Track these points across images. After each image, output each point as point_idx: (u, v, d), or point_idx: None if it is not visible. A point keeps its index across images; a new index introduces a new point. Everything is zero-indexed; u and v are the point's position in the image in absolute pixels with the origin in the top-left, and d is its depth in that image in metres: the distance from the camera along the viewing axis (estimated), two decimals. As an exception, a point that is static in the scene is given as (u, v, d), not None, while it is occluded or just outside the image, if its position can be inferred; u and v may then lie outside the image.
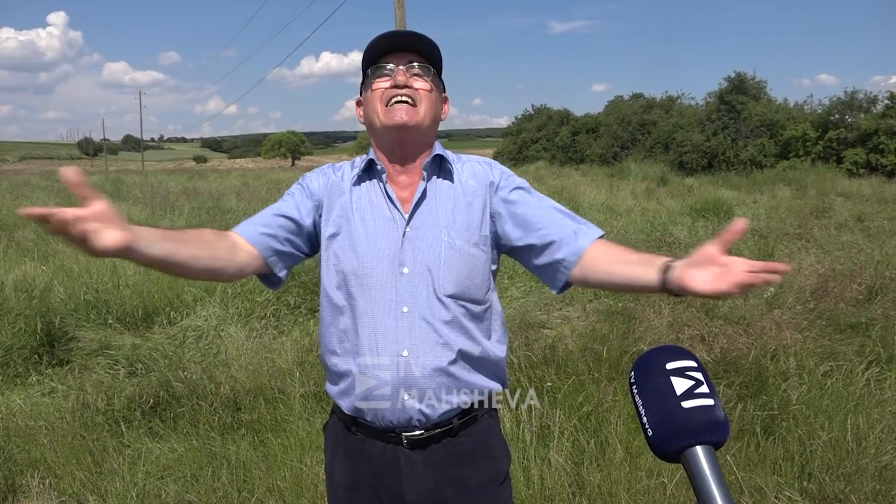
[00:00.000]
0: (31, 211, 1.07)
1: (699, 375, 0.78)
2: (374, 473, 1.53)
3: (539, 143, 36.88)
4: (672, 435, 0.74)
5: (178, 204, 13.77)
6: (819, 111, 26.32)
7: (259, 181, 23.75)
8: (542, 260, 1.50)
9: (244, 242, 1.53)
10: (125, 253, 1.16)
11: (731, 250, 1.25)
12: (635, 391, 0.80)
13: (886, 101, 24.05)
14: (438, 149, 1.58)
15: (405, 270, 1.48)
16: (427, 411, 1.47)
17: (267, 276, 1.59)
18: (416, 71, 1.52)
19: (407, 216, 1.52)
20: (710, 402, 0.75)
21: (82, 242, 1.10)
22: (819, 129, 24.90)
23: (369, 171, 1.58)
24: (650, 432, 0.76)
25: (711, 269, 1.18)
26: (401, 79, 1.49)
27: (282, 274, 1.59)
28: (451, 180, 1.57)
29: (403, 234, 1.50)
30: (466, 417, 1.53)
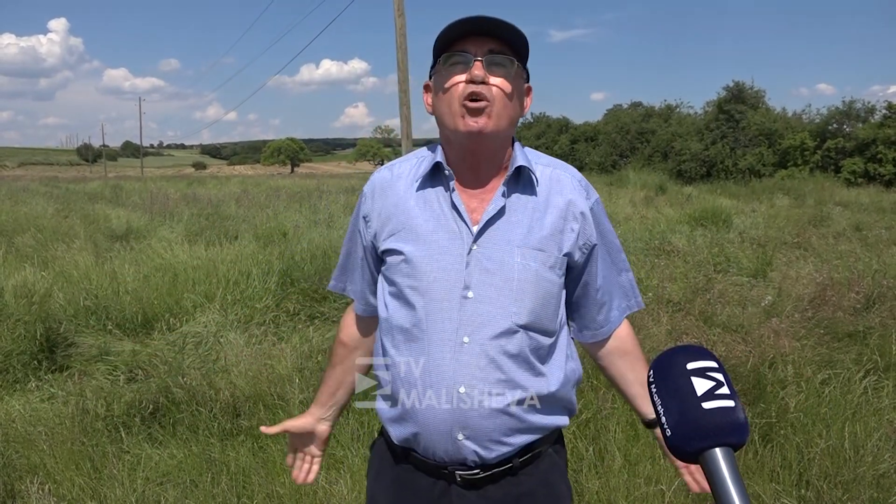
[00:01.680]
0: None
1: (720, 376, 0.77)
2: None
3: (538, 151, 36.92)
4: (692, 436, 0.73)
5: (177, 210, 13.78)
6: (817, 121, 26.46)
7: (258, 188, 23.77)
8: (580, 314, 1.49)
9: (364, 320, 1.60)
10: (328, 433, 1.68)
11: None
12: (654, 390, 0.79)
13: (884, 111, 24.21)
14: (520, 156, 1.36)
15: (469, 295, 1.30)
16: (483, 453, 1.31)
17: None
18: (497, 61, 1.28)
19: (476, 231, 1.32)
20: (731, 403, 0.74)
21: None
22: (817, 138, 25.02)
23: (435, 175, 1.38)
24: (669, 432, 0.75)
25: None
26: (478, 73, 1.26)
27: None
28: (532, 193, 1.37)
29: (469, 252, 1.31)
30: (528, 455, 1.36)
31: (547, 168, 1.41)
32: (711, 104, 29.72)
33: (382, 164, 1.58)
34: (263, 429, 1.64)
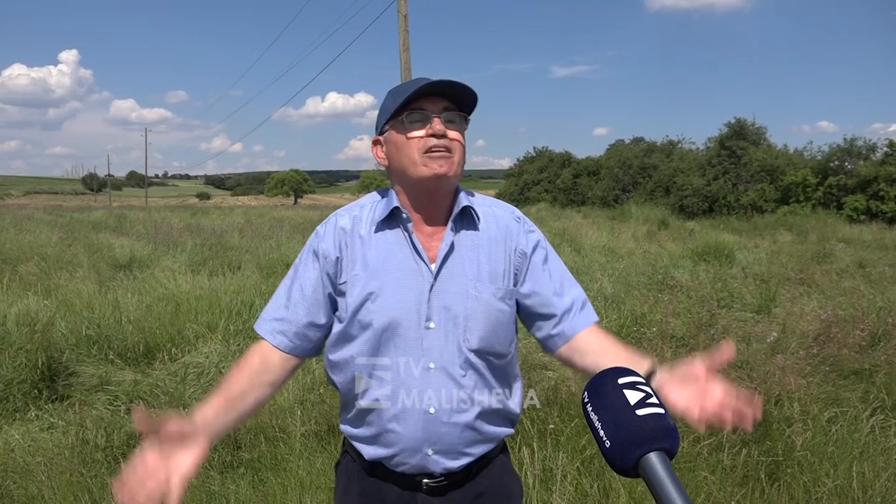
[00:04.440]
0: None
1: (649, 389, 0.82)
2: None
3: (541, 185, 37.14)
4: (629, 442, 0.76)
5: (180, 240, 13.81)
6: (819, 157, 26.56)
7: (262, 219, 23.83)
8: (539, 327, 1.58)
9: (280, 356, 1.56)
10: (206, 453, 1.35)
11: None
12: (590, 409, 0.82)
13: (886, 149, 24.29)
14: (464, 199, 1.53)
15: (431, 325, 1.46)
16: (449, 464, 1.49)
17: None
18: (451, 118, 1.47)
19: (434, 268, 1.48)
20: (661, 410, 0.79)
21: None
22: (819, 175, 25.10)
23: (392, 218, 1.52)
24: (608, 444, 0.78)
25: (690, 389, 1.29)
26: (439, 128, 1.43)
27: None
28: (475, 228, 1.53)
29: (430, 289, 1.46)
30: (483, 460, 1.55)
31: (484, 207, 1.57)
32: (713, 140, 29.89)
33: None
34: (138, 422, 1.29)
